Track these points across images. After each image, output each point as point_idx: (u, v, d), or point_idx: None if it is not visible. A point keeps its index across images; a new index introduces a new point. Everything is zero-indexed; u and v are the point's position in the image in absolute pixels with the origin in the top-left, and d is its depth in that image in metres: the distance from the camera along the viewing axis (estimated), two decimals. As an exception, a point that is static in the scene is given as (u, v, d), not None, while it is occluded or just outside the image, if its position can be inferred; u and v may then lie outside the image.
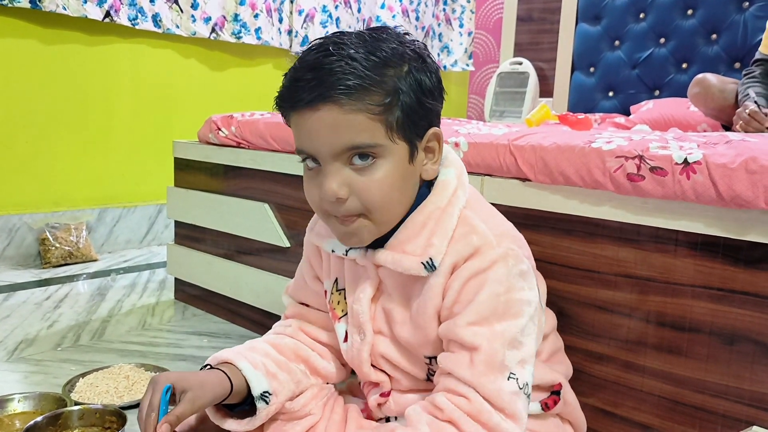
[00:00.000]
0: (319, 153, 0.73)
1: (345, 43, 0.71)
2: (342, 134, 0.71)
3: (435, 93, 0.76)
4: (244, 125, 1.59)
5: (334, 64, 0.70)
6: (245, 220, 1.59)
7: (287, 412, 0.86)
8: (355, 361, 0.86)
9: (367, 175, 0.73)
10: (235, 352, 0.86)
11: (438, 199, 0.78)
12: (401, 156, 0.74)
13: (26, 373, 1.32)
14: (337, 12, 3.14)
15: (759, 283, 0.84)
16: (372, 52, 0.71)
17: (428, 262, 0.75)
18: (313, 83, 0.70)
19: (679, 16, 2.60)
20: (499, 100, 3.32)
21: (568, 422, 0.92)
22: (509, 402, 0.71)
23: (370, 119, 0.70)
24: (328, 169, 0.73)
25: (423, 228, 0.77)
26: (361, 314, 0.83)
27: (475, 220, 0.77)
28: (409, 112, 0.73)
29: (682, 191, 0.86)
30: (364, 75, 0.70)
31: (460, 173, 0.82)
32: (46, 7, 2.11)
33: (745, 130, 1.60)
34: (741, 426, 0.86)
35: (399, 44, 0.74)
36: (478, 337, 0.72)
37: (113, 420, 1.04)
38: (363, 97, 0.70)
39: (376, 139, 0.71)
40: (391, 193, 0.74)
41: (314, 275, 0.95)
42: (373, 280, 0.83)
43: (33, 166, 2.25)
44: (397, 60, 0.73)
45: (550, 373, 0.87)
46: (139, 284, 2.03)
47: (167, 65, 2.58)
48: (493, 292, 0.73)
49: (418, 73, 0.74)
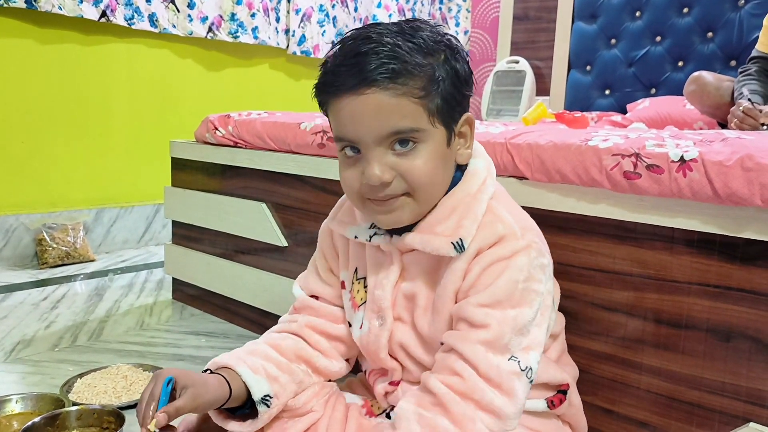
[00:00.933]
0: (362, 139, 0.73)
1: (383, 32, 0.73)
2: (387, 119, 0.71)
3: (469, 81, 0.79)
4: (242, 125, 1.59)
5: (377, 49, 0.71)
6: (243, 219, 1.59)
7: (289, 410, 0.87)
8: (372, 346, 0.86)
9: (410, 158, 0.74)
10: (234, 356, 0.85)
11: (468, 186, 0.80)
12: (440, 140, 0.76)
13: (24, 373, 1.32)
14: (333, 11, 3.14)
15: (755, 280, 0.84)
16: (410, 40, 0.72)
17: (458, 242, 0.76)
18: (358, 68, 0.71)
19: (675, 14, 2.61)
20: (495, 98, 3.32)
21: (569, 425, 0.92)
22: (507, 379, 0.72)
23: (414, 103, 0.72)
24: (371, 155, 0.74)
25: (453, 211, 0.78)
26: (383, 299, 0.84)
27: (501, 211, 0.79)
28: (449, 98, 0.75)
29: (678, 189, 0.87)
30: (408, 60, 0.71)
31: (489, 165, 0.84)
32: (41, 7, 2.11)
33: (740, 128, 1.60)
34: (738, 422, 0.87)
35: (434, 33, 0.76)
36: (489, 318, 0.73)
37: (111, 420, 1.04)
38: (407, 82, 0.71)
39: (419, 123, 0.73)
40: (435, 174, 0.76)
41: (328, 267, 0.96)
42: (397, 266, 0.84)
43: (30, 167, 2.25)
44: (435, 48, 0.74)
45: (560, 372, 0.87)
46: (136, 284, 2.03)
47: (164, 65, 2.57)
48: (512, 278, 0.74)
49: (454, 61, 0.76)
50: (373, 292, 0.85)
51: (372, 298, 0.86)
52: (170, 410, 0.73)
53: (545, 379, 0.85)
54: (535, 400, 0.85)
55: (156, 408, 0.73)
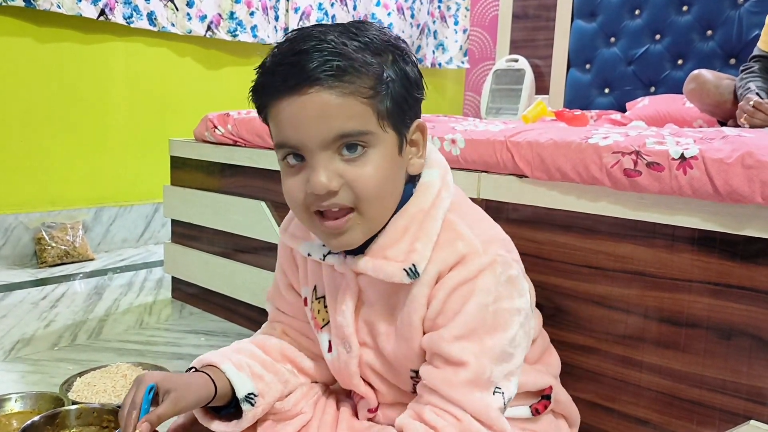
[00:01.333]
0: (306, 144, 0.68)
1: (326, 30, 0.68)
2: (332, 120, 0.66)
3: (420, 84, 0.74)
4: (241, 123, 1.58)
5: (319, 46, 0.66)
6: (242, 218, 1.59)
7: (278, 412, 0.85)
8: (344, 373, 0.83)
9: (359, 165, 0.68)
10: (219, 354, 0.84)
11: (421, 201, 0.74)
12: (391, 146, 0.71)
13: (23, 372, 1.31)
14: (333, 9, 3.14)
15: (756, 278, 0.84)
16: (356, 39, 0.68)
17: (411, 268, 0.71)
18: (299, 66, 0.65)
19: (675, 12, 2.61)
20: (495, 97, 3.32)
21: (562, 416, 0.92)
22: (496, 418, 0.70)
23: (362, 104, 0.67)
24: (316, 161, 0.68)
25: (405, 232, 0.73)
26: (346, 327, 0.80)
27: (460, 226, 0.74)
28: (399, 100, 0.70)
29: (678, 186, 0.87)
30: (354, 57, 0.66)
31: (444, 173, 0.78)
32: (40, 5, 2.10)
33: (751, 123, 1.59)
34: (738, 420, 0.87)
35: (381, 33, 0.71)
36: (466, 353, 0.70)
37: (111, 419, 1.03)
38: (354, 80, 0.66)
39: (368, 125, 0.67)
40: (385, 183, 0.70)
41: (288, 284, 0.92)
42: (353, 290, 0.79)
43: (28, 166, 2.24)
44: (382, 48, 0.70)
45: (540, 377, 0.86)
46: (136, 283, 2.03)
47: (163, 64, 2.57)
48: (480, 302, 0.70)
49: (403, 63, 0.71)
50: (335, 318, 0.81)
51: (335, 324, 0.82)
52: (152, 418, 0.72)
53: (526, 388, 0.83)
54: (520, 407, 0.84)
55: (138, 416, 0.72)
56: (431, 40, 3.70)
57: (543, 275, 1.03)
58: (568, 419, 0.92)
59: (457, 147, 1.12)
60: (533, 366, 0.87)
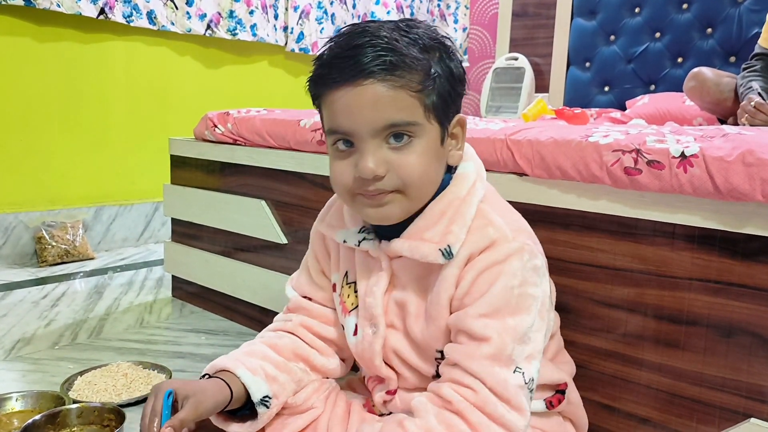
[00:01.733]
0: (357, 131, 0.72)
1: (379, 26, 0.73)
2: (383, 111, 0.71)
3: (463, 81, 0.78)
4: (241, 122, 1.58)
5: (374, 41, 0.70)
6: (242, 217, 1.59)
7: (289, 407, 0.87)
8: (366, 354, 0.85)
9: (404, 153, 0.73)
10: (232, 359, 0.85)
11: (458, 189, 0.79)
12: (434, 137, 0.75)
13: (24, 371, 1.31)
14: (332, 8, 3.14)
15: (756, 276, 0.84)
16: (406, 35, 0.72)
17: (446, 249, 0.75)
18: (354, 60, 0.70)
19: (674, 10, 2.60)
20: (495, 95, 3.32)
21: (570, 421, 0.92)
22: (515, 394, 0.71)
23: (411, 96, 0.71)
24: (365, 147, 0.72)
25: (442, 216, 0.77)
26: (375, 307, 0.83)
27: (491, 214, 0.77)
28: (444, 95, 0.74)
29: (679, 184, 0.87)
30: (405, 53, 0.70)
31: (479, 168, 0.83)
32: (40, 4, 2.10)
33: (752, 123, 1.59)
34: (739, 418, 0.87)
35: (430, 31, 0.76)
36: (489, 329, 0.72)
37: (112, 418, 1.04)
38: (404, 74, 0.71)
39: (415, 117, 0.72)
40: (427, 171, 0.75)
41: (320, 269, 0.95)
42: (387, 272, 0.82)
43: (28, 165, 2.24)
44: (431, 45, 0.74)
45: (557, 372, 0.87)
46: (136, 282, 2.03)
47: (162, 63, 2.57)
48: (507, 284, 0.73)
49: (449, 60, 0.75)
50: (365, 300, 0.84)
51: (363, 305, 0.85)
52: (175, 423, 0.74)
53: (543, 380, 0.84)
54: (534, 401, 0.85)
55: (160, 423, 0.73)
56: (431, 38, 3.69)
57: (543, 273, 1.03)
58: (576, 424, 0.93)
59: (458, 145, 1.12)
60: (551, 361, 0.88)
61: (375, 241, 0.82)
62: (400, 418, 0.75)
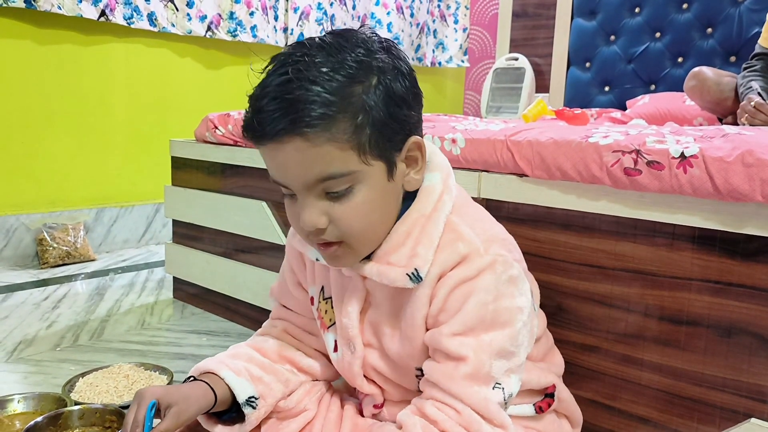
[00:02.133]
0: (292, 186, 0.70)
1: (307, 62, 0.66)
2: (312, 167, 0.67)
3: (409, 100, 0.71)
4: (241, 123, 1.58)
5: (295, 93, 0.64)
6: (243, 218, 1.59)
7: (281, 411, 0.86)
8: (347, 373, 0.85)
9: (345, 202, 0.69)
10: (216, 361, 0.84)
11: (422, 206, 0.75)
12: (378, 176, 0.70)
13: (25, 373, 1.32)
14: (332, 9, 3.14)
15: (756, 276, 0.84)
16: (337, 69, 0.66)
17: (413, 273, 0.72)
18: (276, 115, 0.65)
19: (674, 10, 2.60)
20: (495, 96, 3.32)
21: (565, 416, 0.92)
22: (497, 412, 0.71)
23: (340, 148, 0.66)
24: (303, 201, 0.70)
25: (407, 237, 0.74)
26: (350, 328, 0.81)
27: (461, 227, 0.74)
28: (381, 127, 0.68)
29: (679, 185, 0.87)
30: (329, 101, 0.65)
31: (447, 176, 0.78)
32: (41, 6, 2.11)
33: (751, 123, 1.59)
34: (739, 418, 0.87)
35: (366, 52, 0.68)
36: (464, 348, 0.71)
37: (113, 419, 1.04)
38: (329, 127, 0.65)
39: (349, 166, 0.67)
40: (371, 217, 0.71)
41: (296, 281, 0.93)
42: (361, 292, 0.80)
43: (29, 167, 2.25)
44: (365, 73, 0.67)
45: (544, 375, 0.86)
46: (137, 284, 2.03)
47: (163, 64, 2.57)
48: (480, 301, 0.71)
49: (389, 82, 0.69)
50: (341, 320, 0.82)
51: (340, 325, 0.83)
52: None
53: (530, 386, 0.84)
54: (524, 406, 0.85)
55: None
56: (431, 39, 3.70)
57: (543, 274, 1.03)
58: (571, 419, 0.93)
59: (458, 146, 1.12)
60: (536, 364, 0.88)
61: None
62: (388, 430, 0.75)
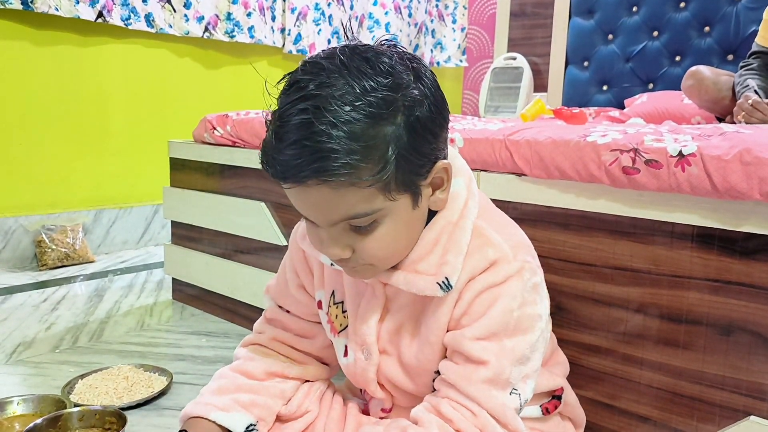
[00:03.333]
0: (316, 222, 0.70)
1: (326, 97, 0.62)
2: (335, 210, 0.66)
3: (436, 129, 0.69)
4: (240, 124, 1.58)
5: (317, 139, 0.61)
6: (242, 219, 1.59)
7: (283, 416, 0.86)
8: (360, 379, 0.83)
9: (369, 235, 0.69)
10: (203, 404, 0.82)
11: (449, 213, 0.74)
12: (403, 209, 0.69)
13: (25, 375, 1.32)
14: (329, 9, 3.14)
15: (754, 274, 0.84)
16: (359, 108, 0.62)
17: (444, 282, 0.72)
18: (298, 161, 0.62)
19: (672, 9, 2.61)
20: (493, 95, 3.32)
21: (568, 419, 0.92)
22: (512, 417, 0.71)
23: (364, 191, 0.65)
24: (327, 234, 0.69)
25: (436, 245, 0.73)
26: (368, 335, 0.80)
27: (488, 231, 0.74)
28: (407, 164, 0.66)
29: (677, 183, 0.87)
30: (352, 150, 0.62)
31: (469, 181, 0.78)
32: (38, 8, 2.10)
33: (748, 121, 1.59)
34: (739, 416, 0.87)
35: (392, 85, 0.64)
36: (487, 353, 0.71)
37: (113, 421, 1.04)
38: (352, 174, 0.62)
39: (373, 206, 0.66)
40: (395, 245, 0.71)
41: (299, 284, 0.90)
42: (380, 299, 0.79)
43: (27, 168, 2.24)
44: (390, 111, 0.64)
45: (552, 378, 0.87)
46: (136, 285, 2.03)
47: (161, 65, 2.57)
48: (506, 307, 0.71)
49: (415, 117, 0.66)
50: (356, 325, 0.81)
51: (354, 330, 0.81)
52: None
53: (539, 389, 0.84)
54: (530, 407, 0.85)
55: None
56: (429, 38, 3.70)
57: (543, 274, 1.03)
58: (575, 421, 0.93)
59: (456, 146, 1.12)
60: (545, 367, 0.88)
61: None
62: (403, 425, 0.74)
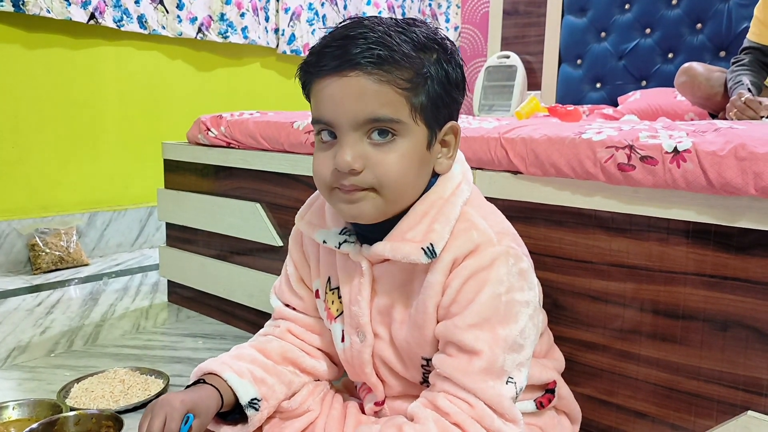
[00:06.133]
0: (339, 122, 0.71)
1: (377, 21, 0.72)
2: (366, 104, 0.69)
3: (460, 86, 0.76)
4: (234, 125, 1.58)
5: (366, 34, 0.69)
6: (237, 220, 1.59)
7: (285, 411, 0.86)
8: (356, 361, 0.85)
9: (385, 151, 0.71)
10: (219, 362, 0.84)
11: (441, 189, 0.77)
12: (420, 139, 0.73)
13: (20, 380, 1.31)
14: (323, 9, 3.14)
15: (750, 269, 0.85)
16: (403, 33, 0.71)
17: (429, 247, 0.73)
18: (343, 49, 0.69)
19: (664, 6, 2.62)
20: (487, 94, 3.33)
21: (564, 413, 0.92)
22: (509, 407, 0.71)
23: (396, 93, 0.70)
24: (345, 140, 0.71)
25: (424, 216, 0.75)
26: (361, 316, 0.81)
27: (475, 217, 0.76)
28: (435, 98, 0.72)
29: (672, 180, 0.87)
30: (396, 48, 0.69)
31: (465, 171, 0.82)
32: (29, 10, 2.09)
33: (739, 118, 1.60)
34: (736, 411, 0.87)
35: (429, 32, 0.74)
36: (479, 342, 0.71)
37: (110, 424, 1.03)
38: (392, 70, 0.69)
39: (400, 114, 0.70)
40: (408, 172, 0.73)
41: (298, 277, 0.93)
42: (368, 278, 0.81)
43: (20, 171, 2.23)
44: (427, 45, 0.72)
45: (545, 371, 0.87)
46: (131, 287, 2.02)
47: (154, 66, 2.56)
48: (494, 292, 0.72)
49: (446, 63, 0.73)
50: (350, 308, 0.83)
51: (349, 313, 0.83)
52: None
53: (532, 381, 0.84)
54: (524, 402, 0.85)
55: None
56: (422, 38, 3.70)
57: (539, 271, 1.02)
58: (570, 416, 0.93)
59: (451, 145, 1.12)
60: (537, 360, 0.88)
61: (356, 244, 0.81)
62: (399, 422, 0.74)
